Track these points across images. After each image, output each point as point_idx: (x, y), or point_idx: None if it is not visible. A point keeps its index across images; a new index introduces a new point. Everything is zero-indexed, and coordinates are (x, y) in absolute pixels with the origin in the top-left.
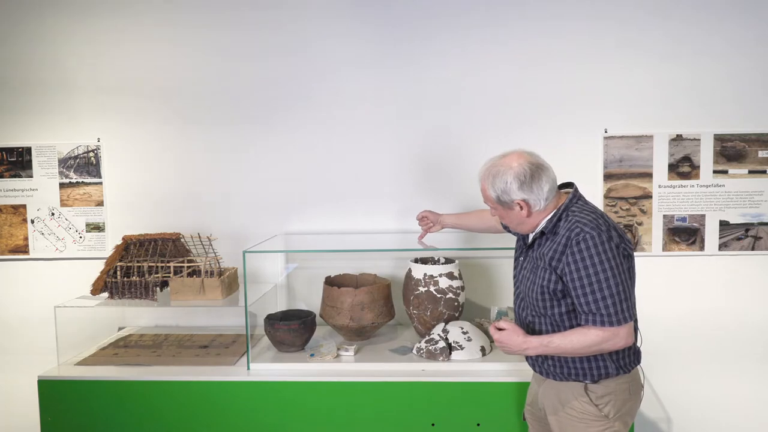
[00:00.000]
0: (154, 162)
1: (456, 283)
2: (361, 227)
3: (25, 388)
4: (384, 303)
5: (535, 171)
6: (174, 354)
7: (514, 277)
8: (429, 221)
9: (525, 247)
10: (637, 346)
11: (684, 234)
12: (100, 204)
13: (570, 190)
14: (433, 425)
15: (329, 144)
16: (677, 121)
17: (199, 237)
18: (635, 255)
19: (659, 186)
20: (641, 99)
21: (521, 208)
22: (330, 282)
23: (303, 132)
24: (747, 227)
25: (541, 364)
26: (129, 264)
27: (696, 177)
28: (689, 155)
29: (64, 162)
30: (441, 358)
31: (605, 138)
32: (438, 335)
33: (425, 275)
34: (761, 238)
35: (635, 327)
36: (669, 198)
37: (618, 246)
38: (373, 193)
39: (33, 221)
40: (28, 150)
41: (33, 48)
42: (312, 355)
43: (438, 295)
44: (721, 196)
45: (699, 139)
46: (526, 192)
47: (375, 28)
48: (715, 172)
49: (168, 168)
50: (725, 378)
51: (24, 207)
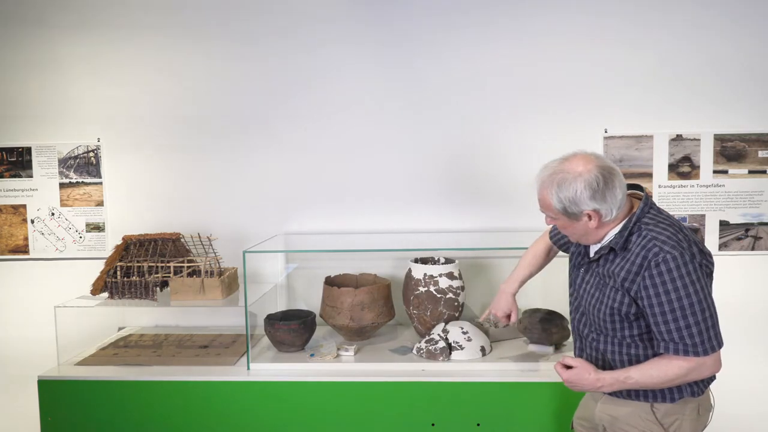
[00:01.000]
0: (154, 162)
1: (456, 283)
2: (361, 227)
3: (25, 388)
4: (384, 303)
5: (608, 177)
6: (174, 354)
7: (570, 286)
8: (513, 312)
9: (587, 260)
10: None
11: None
12: (100, 204)
13: (637, 192)
14: (433, 425)
15: (329, 144)
16: (677, 121)
17: (199, 237)
18: None
19: (659, 186)
20: (641, 99)
21: (590, 218)
22: (330, 282)
23: (303, 132)
24: (747, 227)
25: None
26: (129, 264)
27: (696, 177)
28: (689, 155)
29: (64, 162)
30: (441, 358)
31: (605, 138)
32: (438, 335)
33: (425, 275)
34: (761, 238)
35: None
36: (669, 198)
37: (701, 265)
38: (373, 193)
39: (33, 221)
40: (28, 150)
41: (33, 48)
42: (312, 355)
43: (438, 295)
44: (721, 196)
45: (699, 139)
46: (598, 201)
47: (376, 27)
48: (715, 172)
49: (168, 168)
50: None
51: (24, 207)
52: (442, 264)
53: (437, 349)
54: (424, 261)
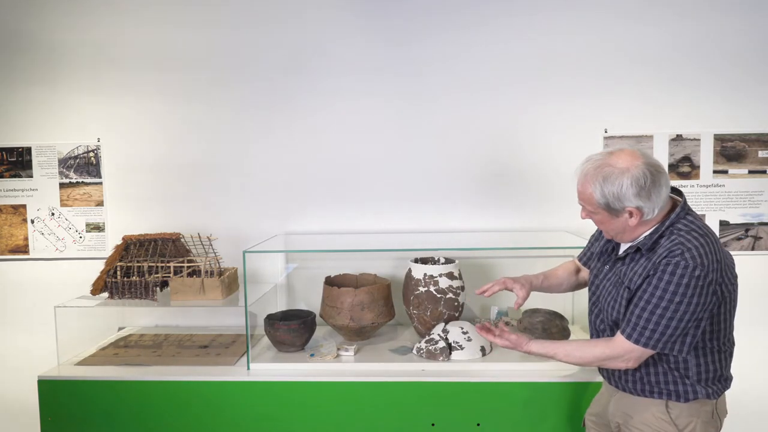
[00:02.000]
0: (154, 162)
1: (456, 283)
2: (361, 227)
3: (25, 388)
4: (384, 303)
5: (656, 175)
6: (174, 354)
7: (591, 283)
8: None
9: (614, 256)
10: (730, 372)
11: None
12: (100, 204)
13: (675, 197)
14: (433, 425)
15: (329, 144)
16: (677, 121)
17: (199, 237)
18: None
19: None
20: (641, 99)
21: (631, 215)
22: (330, 282)
23: (303, 132)
24: (747, 227)
25: (618, 378)
26: (129, 264)
27: (696, 177)
28: (689, 155)
29: (64, 162)
30: (441, 358)
31: (605, 138)
32: (438, 335)
33: (425, 275)
34: (761, 238)
35: (730, 353)
36: None
37: (710, 285)
38: (373, 193)
39: (33, 221)
40: (28, 150)
41: (33, 48)
42: (312, 355)
43: (438, 295)
44: (721, 196)
45: (699, 139)
46: (642, 199)
47: (377, 26)
48: (715, 172)
49: (168, 168)
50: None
51: (24, 207)
52: (442, 264)
53: (437, 349)
54: (424, 261)
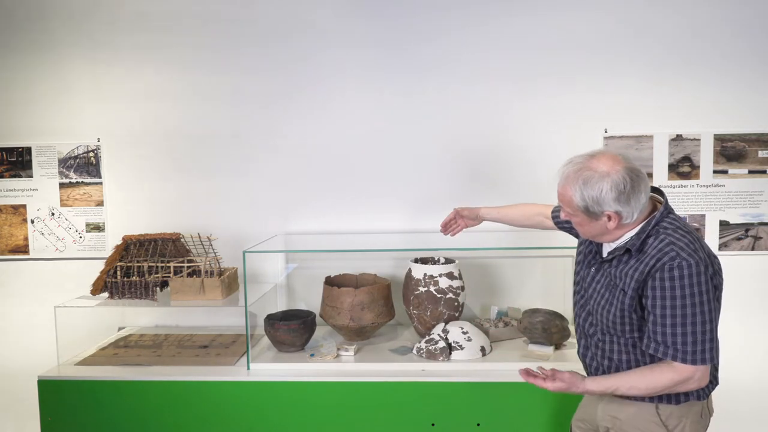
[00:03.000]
0: (154, 162)
1: (456, 283)
2: (361, 227)
3: (25, 388)
4: (384, 303)
5: (635, 180)
6: (174, 354)
7: (577, 284)
8: (463, 221)
9: (599, 259)
10: (716, 374)
11: None
12: (100, 204)
13: (657, 197)
14: (433, 425)
15: (329, 144)
16: (677, 121)
17: (199, 237)
18: None
19: (659, 186)
20: (641, 99)
21: (609, 219)
22: (330, 282)
23: (303, 132)
24: (747, 227)
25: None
26: (129, 264)
27: (696, 177)
28: (689, 155)
29: (64, 162)
30: (441, 358)
31: (605, 138)
32: (438, 335)
33: (425, 275)
34: (761, 238)
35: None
36: (669, 198)
37: (712, 277)
38: (373, 193)
39: (33, 221)
40: (28, 150)
41: (33, 48)
42: (312, 355)
43: (438, 295)
44: (721, 196)
45: (699, 139)
46: (622, 204)
47: (376, 25)
48: (715, 172)
49: (168, 168)
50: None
51: (24, 207)
52: (442, 264)
53: (437, 349)
54: (424, 261)
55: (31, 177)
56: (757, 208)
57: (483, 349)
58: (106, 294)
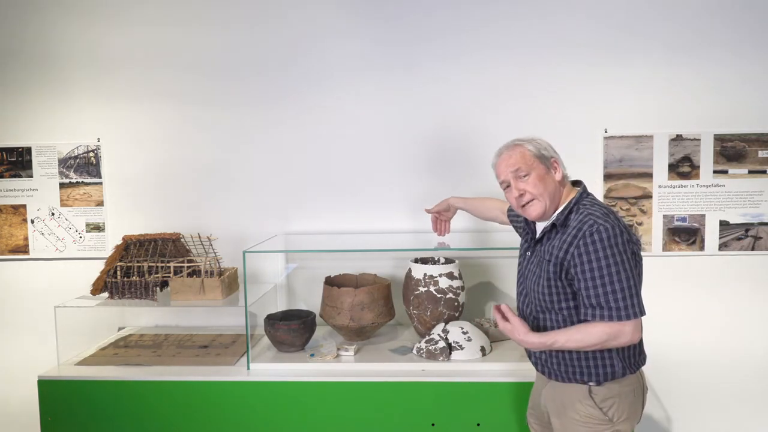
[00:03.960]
0: (154, 162)
1: (456, 283)
2: (362, 227)
3: (25, 388)
4: (384, 303)
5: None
6: (174, 354)
7: (519, 273)
8: (441, 216)
9: (533, 242)
10: (643, 347)
11: (684, 234)
12: (100, 204)
13: (577, 188)
14: (433, 425)
15: (329, 144)
16: (677, 121)
17: (199, 237)
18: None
19: (659, 186)
20: (641, 99)
21: (555, 170)
22: (330, 282)
23: (303, 132)
24: (747, 227)
25: (545, 362)
26: (129, 264)
27: (696, 177)
28: (689, 155)
29: (64, 162)
30: (441, 358)
31: (605, 138)
32: (438, 335)
33: (425, 275)
34: (761, 238)
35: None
36: (669, 198)
37: (628, 241)
38: (374, 193)
39: (33, 221)
40: (28, 150)
41: (33, 48)
42: (312, 355)
43: (438, 295)
44: (721, 196)
45: (699, 139)
46: (556, 154)
47: (376, 25)
48: (715, 172)
49: (168, 168)
50: (725, 377)
51: (24, 207)
52: (442, 264)
53: (437, 349)
54: (424, 261)
55: (31, 177)
56: (757, 208)
57: (483, 349)
58: (106, 294)
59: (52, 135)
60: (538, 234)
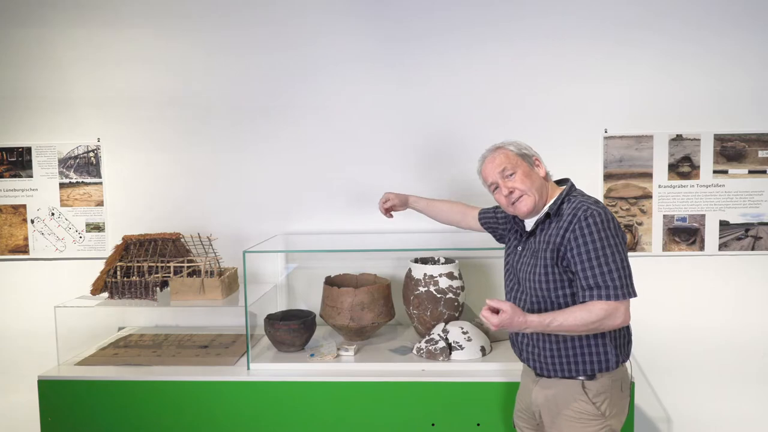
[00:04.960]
0: (154, 162)
1: (456, 283)
2: (361, 227)
3: (25, 388)
4: (384, 303)
5: None
6: (174, 354)
7: (507, 271)
8: (393, 203)
9: (525, 235)
10: (631, 336)
11: (684, 234)
12: (100, 204)
13: (565, 185)
14: (433, 425)
15: (329, 144)
16: (677, 121)
17: (199, 237)
18: (634, 255)
19: (659, 186)
20: (641, 99)
21: (538, 166)
22: (330, 282)
23: (303, 132)
24: (747, 227)
25: (538, 356)
26: (129, 264)
27: (696, 177)
28: (689, 155)
29: (64, 162)
30: (441, 358)
31: (605, 138)
32: (438, 335)
33: (425, 275)
34: (761, 238)
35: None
36: (669, 198)
37: (619, 227)
38: (374, 193)
39: (33, 221)
40: (28, 150)
41: (34, 48)
42: (312, 355)
43: (438, 295)
44: (721, 196)
45: (699, 139)
46: (537, 154)
47: (375, 25)
48: (715, 172)
49: (168, 168)
50: (725, 377)
51: (24, 207)
52: (442, 264)
53: (437, 349)
54: (424, 261)
55: (31, 177)
56: (757, 208)
57: (483, 349)
58: (106, 294)
59: (52, 135)
60: (530, 226)
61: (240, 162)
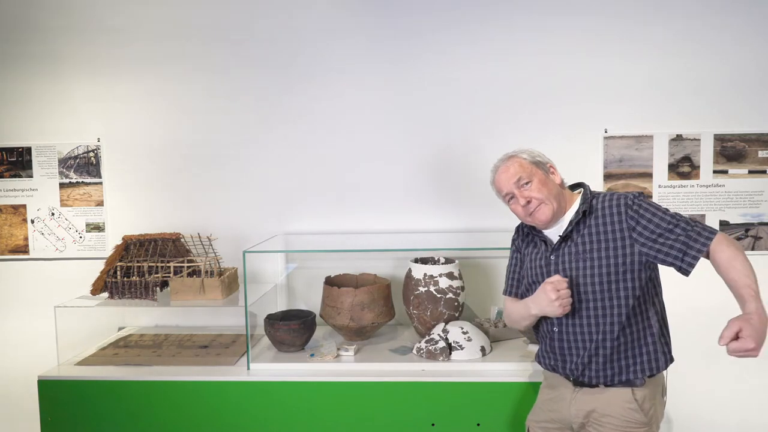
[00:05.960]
0: (154, 162)
1: (456, 283)
2: (361, 227)
3: (25, 388)
4: (384, 303)
5: None
6: (174, 354)
7: (533, 284)
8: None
9: (553, 246)
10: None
11: None
12: (100, 204)
13: (582, 188)
14: (433, 425)
15: (329, 144)
16: (677, 121)
17: (199, 237)
18: None
19: (659, 186)
20: (641, 99)
21: (553, 173)
22: (330, 282)
23: (303, 132)
24: (747, 227)
25: (602, 366)
26: (129, 264)
27: (696, 177)
28: (689, 155)
29: (64, 162)
30: (441, 358)
31: (605, 138)
32: (438, 335)
33: (425, 275)
34: (761, 238)
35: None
36: (669, 198)
37: None
38: (373, 193)
39: (33, 221)
40: (28, 150)
41: (33, 48)
42: (312, 355)
43: (438, 295)
44: (721, 196)
45: (699, 139)
46: (551, 161)
47: (376, 25)
48: (715, 172)
49: (168, 168)
50: (725, 377)
51: (24, 207)
52: (442, 264)
53: (437, 349)
54: (424, 261)
55: (31, 177)
56: (757, 208)
57: (483, 349)
58: (106, 294)
59: (52, 135)
60: (562, 232)
61: (240, 162)
